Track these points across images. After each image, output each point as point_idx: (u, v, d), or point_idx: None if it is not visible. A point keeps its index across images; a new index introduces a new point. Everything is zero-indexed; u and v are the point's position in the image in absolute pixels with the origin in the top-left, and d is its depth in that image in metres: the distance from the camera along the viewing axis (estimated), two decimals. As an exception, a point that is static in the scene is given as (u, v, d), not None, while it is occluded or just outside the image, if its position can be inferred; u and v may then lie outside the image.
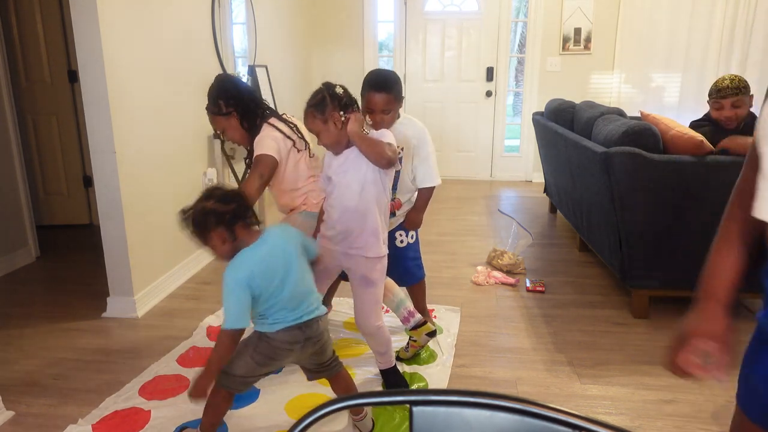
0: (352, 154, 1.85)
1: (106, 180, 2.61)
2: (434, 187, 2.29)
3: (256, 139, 2.11)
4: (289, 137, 2.14)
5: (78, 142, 4.04)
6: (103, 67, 2.47)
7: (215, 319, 2.68)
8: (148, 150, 2.84)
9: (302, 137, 2.21)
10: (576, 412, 0.67)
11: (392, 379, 2.07)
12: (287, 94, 5.16)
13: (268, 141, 2.09)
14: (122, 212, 2.64)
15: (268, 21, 4.62)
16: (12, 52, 3.77)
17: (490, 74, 5.76)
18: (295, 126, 2.21)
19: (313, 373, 1.78)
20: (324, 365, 1.74)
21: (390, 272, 2.29)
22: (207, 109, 2.17)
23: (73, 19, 2.43)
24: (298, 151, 2.18)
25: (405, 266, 2.36)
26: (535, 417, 0.68)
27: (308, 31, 5.80)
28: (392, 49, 5.88)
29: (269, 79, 4.47)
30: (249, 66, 4.20)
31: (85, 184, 4.13)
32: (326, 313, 1.73)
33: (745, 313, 2.76)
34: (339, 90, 1.83)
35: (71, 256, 3.58)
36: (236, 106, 2.12)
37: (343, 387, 1.80)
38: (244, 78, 3.99)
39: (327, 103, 1.79)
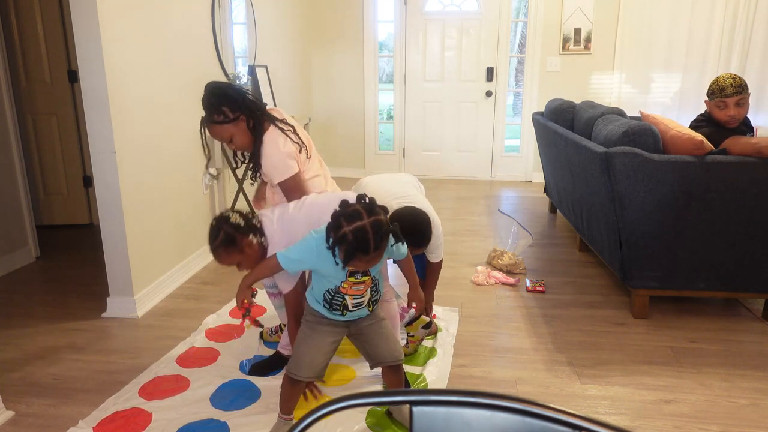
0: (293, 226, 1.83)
1: (106, 180, 2.61)
2: (441, 262, 2.40)
3: (270, 158, 2.00)
4: (295, 142, 2.07)
5: (78, 142, 4.04)
6: (103, 67, 2.47)
7: (215, 319, 2.68)
8: (148, 150, 2.84)
9: (300, 138, 2.15)
10: (576, 412, 0.67)
11: None
12: (287, 94, 5.16)
13: (287, 161, 2.00)
14: (122, 212, 2.64)
15: (268, 21, 4.62)
16: (12, 52, 3.77)
17: (490, 74, 5.76)
18: (293, 127, 2.12)
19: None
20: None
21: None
22: (209, 120, 2.00)
23: (73, 19, 2.43)
24: (300, 152, 2.13)
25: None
26: (535, 417, 0.68)
27: (308, 31, 5.80)
28: (392, 49, 5.88)
29: (269, 79, 4.47)
30: (249, 66, 4.21)
31: (85, 184, 4.13)
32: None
33: (745, 313, 2.76)
34: (236, 219, 1.77)
35: (71, 256, 3.58)
36: (242, 109, 1.99)
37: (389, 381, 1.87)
38: (244, 78, 3.99)
39: (234, 236, 1.75)
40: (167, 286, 3.02)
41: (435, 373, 2.21)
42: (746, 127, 2.84)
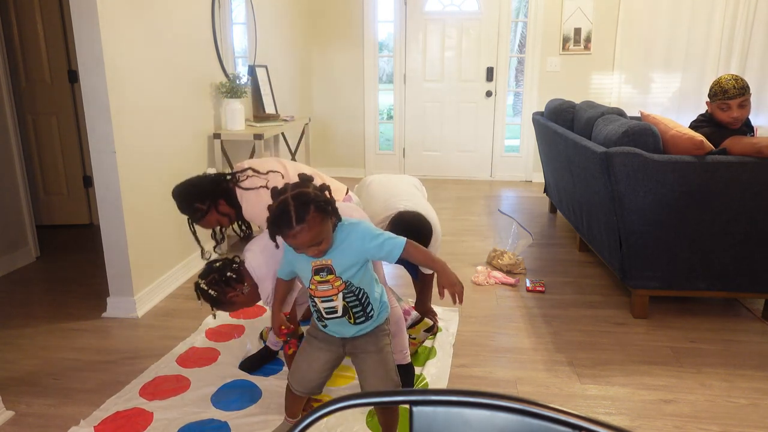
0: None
1: (106, 180, 2.61)
2: (434, 274, 2.29)
3: (255, 217, 2.02)
4: (261, 183, 2.03)
5: (78, 142, 4.04)
6: (103, 67, 2.47)
7: (215, 319, 2.68)
8: (148, 150, 2.84)
9: (264, 172, 2.09)
10: (576, 412, 0.67)
11: (405, 379, 2.03)
12: (287, 94, 5.16)
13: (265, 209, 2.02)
14: (122, 212, 2.64)
15: (268, 21, 4.62)
16: (12, 52, 3.77)
17: (490, 74, 5.76)
18: (250, 168, 2.08)
19: None
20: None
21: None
22: (193, 219, 2.04)
23: (73, 19, 2.43)
24: (267, 186, 2.08)
25: None
26: (535, 417, 0.68)
27: (308, 31, 5.80)
28: (392, 49, 5.88)
29: (269, 79, 4.47)
30: (249, 66, 4.21)
31: (85, 184, 4.13)
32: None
33: (745, 313, 2.76)
34: (205, 289, 1.83)
35: (71, 256, 3.58)
36: (209, 194, 2.03)
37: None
38: (244, 78, 3.99)
39: (215, 299, 1.84)
40: (167, 286, 3.01)
41: (435, 373, 2.21)
42: (746, 127, 2.84)
